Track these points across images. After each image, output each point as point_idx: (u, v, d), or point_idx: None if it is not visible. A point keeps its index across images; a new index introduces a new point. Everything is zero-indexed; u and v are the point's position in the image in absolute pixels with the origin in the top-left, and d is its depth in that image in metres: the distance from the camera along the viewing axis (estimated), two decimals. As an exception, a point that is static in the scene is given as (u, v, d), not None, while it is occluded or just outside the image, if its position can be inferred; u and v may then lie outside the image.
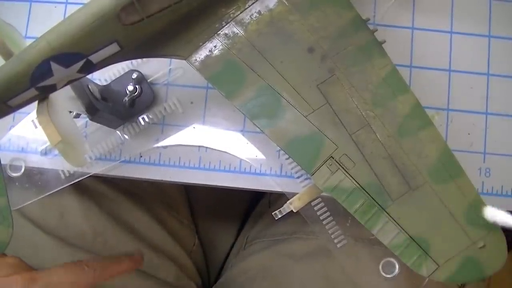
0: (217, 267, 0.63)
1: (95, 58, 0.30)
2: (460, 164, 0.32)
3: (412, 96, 0.32)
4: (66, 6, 0.43)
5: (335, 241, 0.43)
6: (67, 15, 0.33)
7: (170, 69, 0.42)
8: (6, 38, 0.31)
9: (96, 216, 0.49)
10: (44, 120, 0.31)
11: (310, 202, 0.35)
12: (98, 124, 0.41)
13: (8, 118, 0.42)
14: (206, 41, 0.32)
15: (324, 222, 0.40)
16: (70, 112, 0.36)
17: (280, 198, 0.56)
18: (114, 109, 0.40)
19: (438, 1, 0.43)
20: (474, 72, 0.42)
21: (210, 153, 0.41)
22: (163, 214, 0.54)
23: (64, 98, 0.34)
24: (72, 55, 0.29)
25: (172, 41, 0.32)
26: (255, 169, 0.41)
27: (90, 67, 0.31)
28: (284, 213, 0.34)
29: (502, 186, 0.41)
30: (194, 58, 0.32)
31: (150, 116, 0.41)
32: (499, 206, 0.41)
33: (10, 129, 0.42)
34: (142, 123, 0.41)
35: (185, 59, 0.32)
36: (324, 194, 0.32)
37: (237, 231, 0.64)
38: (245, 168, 0.41)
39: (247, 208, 0.66)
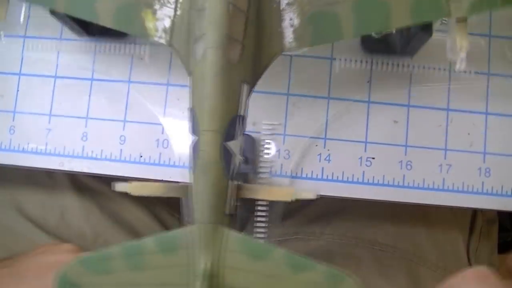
0: (217, 267, 0.62)
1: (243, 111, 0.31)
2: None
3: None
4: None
5: (336, 241, 0.43)
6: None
7: (169, 67, 0.42)
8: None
9: (96, 216, 0.49)
10: None
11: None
12: (98, 124, 0.41)
13: (8, 118, 0.42)
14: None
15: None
16: None
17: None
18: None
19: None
20: (474, 72, 0.42)
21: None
22: (163, 214, 0.54)
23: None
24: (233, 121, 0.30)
25: (271, 42, 0.32)
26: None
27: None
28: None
29: (502, 186, 0.41)
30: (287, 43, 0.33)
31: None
32: (499, 206, 0.41)
33: (10, 129, 0.42)
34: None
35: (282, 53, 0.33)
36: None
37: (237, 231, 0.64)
38: (245, 168, 0.41)
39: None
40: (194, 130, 0.30)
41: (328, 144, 0.41)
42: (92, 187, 0.49)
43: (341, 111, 0.41)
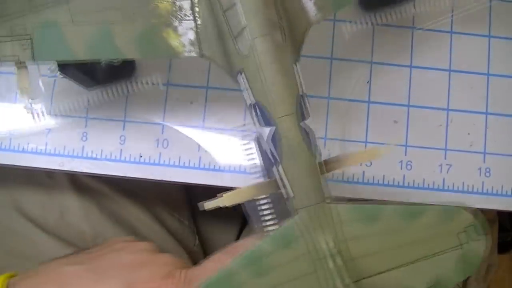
0: (217, 267, 0.62)
1: None
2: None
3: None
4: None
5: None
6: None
7: (170, 67, 0.42)
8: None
9: (96, 216, 0.49)
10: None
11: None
12: (98, 124, 0.41)
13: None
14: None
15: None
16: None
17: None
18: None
19: (438, 1, 0.43)
20: (474, 72, 0.42)
21: (210, 153, 0.41)
22: (163, 214, 0.54)
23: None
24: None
25: (297, 20, 0.33)
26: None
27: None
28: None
29: (502, 186, 0.41)
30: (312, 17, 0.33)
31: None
32: (499, 206, 0.41)
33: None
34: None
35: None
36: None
37: (238, 231, 0.64)
38: (245, 168, 0.41)
39: (247, 208, 0.65)
40: (266, 122, 0.30)
41: (328, 144, 0.41)
42: (92, 187, 0.49)
43: (341, 111, 0.41)
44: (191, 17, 0.33)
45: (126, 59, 0.34)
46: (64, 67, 0.36)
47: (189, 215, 0.58)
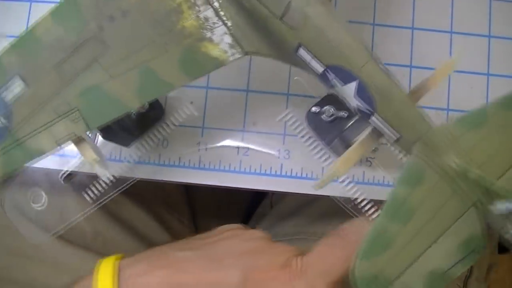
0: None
1: None
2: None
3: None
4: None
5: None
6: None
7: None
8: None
9: (96, 215, 0.49)
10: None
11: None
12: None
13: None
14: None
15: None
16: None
17: (282, 199, 0.56)
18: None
19: (438, 1, 0.43)
20: (474, 72, 0.42)
21: (210, 153, 0.41)
22: (163, 213, 0.54)
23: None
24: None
25: None
26: (255, 169, 0.41)
27: None
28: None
29: (502, 186, 0.41)
30: None
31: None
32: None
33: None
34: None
35: None
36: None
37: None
38: (245, 168, 0.41)
39: (248, 208, 0.66)
40: (346, 79, 0.30)
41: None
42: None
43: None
44: (220, 23, 0.32)
45: (178, 88, 0.33)
46: (107, 132, 0.36)
47: (189, 215, 0.58)
